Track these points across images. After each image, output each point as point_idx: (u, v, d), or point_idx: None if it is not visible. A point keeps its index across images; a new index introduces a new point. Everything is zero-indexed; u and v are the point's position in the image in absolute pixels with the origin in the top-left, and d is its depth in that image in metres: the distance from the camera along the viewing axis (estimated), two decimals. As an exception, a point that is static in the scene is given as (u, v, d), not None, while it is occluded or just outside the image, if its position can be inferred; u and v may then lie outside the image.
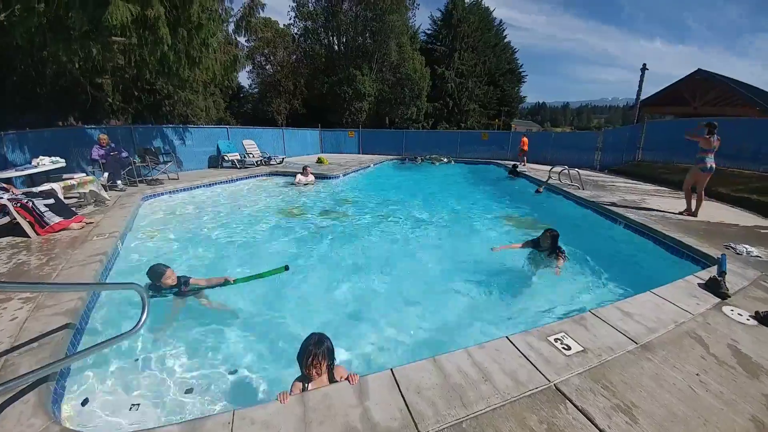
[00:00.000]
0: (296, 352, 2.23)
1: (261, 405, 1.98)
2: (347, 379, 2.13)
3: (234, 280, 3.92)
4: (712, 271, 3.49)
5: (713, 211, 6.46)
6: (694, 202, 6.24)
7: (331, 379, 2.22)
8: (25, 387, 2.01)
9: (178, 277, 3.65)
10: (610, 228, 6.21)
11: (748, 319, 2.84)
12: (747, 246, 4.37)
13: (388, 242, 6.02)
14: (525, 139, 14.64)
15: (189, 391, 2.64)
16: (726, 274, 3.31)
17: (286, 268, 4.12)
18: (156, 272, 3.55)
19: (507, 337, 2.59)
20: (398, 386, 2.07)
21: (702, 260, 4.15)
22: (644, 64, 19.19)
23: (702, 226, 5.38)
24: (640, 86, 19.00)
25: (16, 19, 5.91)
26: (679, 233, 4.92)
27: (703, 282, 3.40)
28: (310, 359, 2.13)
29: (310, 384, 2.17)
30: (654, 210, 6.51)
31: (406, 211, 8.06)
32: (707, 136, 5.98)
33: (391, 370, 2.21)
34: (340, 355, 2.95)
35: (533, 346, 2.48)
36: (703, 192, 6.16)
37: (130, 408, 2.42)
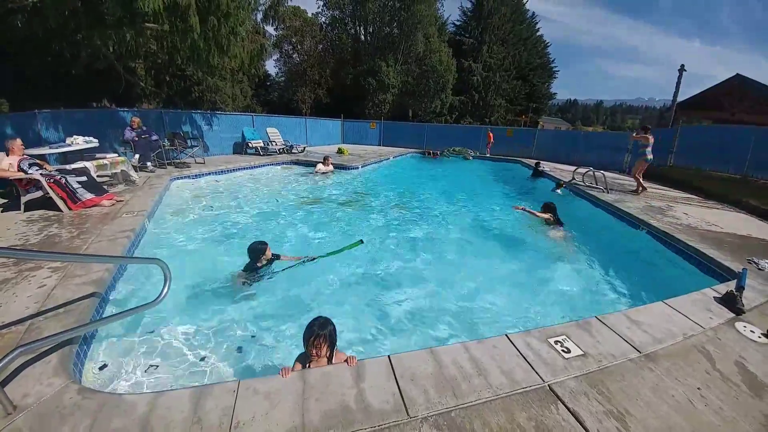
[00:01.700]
0: (302, 333, 2.37)
1: (264, 377, 2.12)
2: (346, 360, 2.24)
3: (317, 257, 4.33)
4: (731, 285, 3.36)
5: (741, 224, 6.15)
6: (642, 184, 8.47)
7: (331, 362, 2.33)
8: (49, 349, 2.19)
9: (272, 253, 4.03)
10: (631, 234, 6.02)
11: (759, 337, 2.75)
12: (771, 262, 4.15)
13: (399, 234, 6.07)
14: (490, 134, 17.02)
15: (203, 359, 2.84)
16: (744, 289, 3.19)
17: (361, 241, 4.69)
18: (258, 249, 3.93)
19: (507, 335, 2.62)
20: (394, 372, 2.16)
21: (723, 273, 3.98)
22: (682, 65, 18.14)
23: (727, 239, 5.14)
24: (677, 88, 18.02)
25: (48, 1, 6.17)
26: (702, 244, 4.72)
27: (720, 296, 3.29)
28: (312, 338, 2.26)
29: (310, 364, 2.29)
30: (679, 218, 6.24)
31: (420, 204, 8.08)
32: (646, 135, 8.21)
33: (389, 356, 2.29)
34: (347, 337, 3.08)
35: (532, 347, 2.49)
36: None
37: (147, 369, 2.61)
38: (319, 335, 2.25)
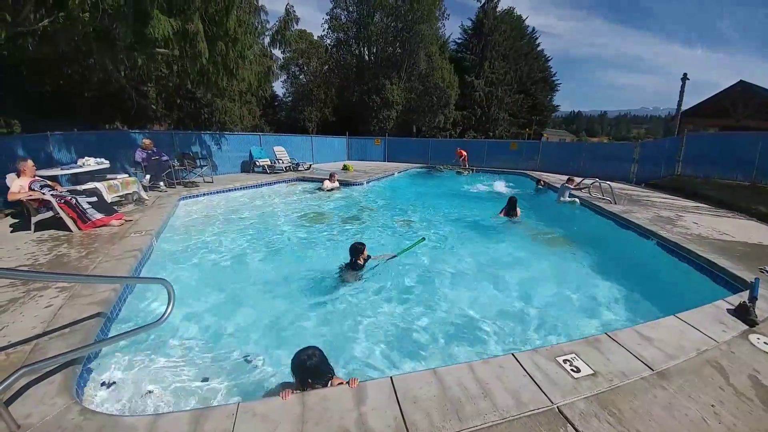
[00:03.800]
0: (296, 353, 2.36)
1: (264, 400, 2.10)
2: (348, 383, 2.20)
3: (396, 255, 4.96)
4: (744, 296, 3.25)
5: (751, 232, 6.00)
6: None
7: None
8: (53, 369, 2.20)
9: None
10: (640, 245, 5.91)
11: (774, 349, 2.64)
12: (785, 271, 4.03)
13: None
14: (463, 152, 16.67)
15: (205, 380, 2.82)
16: (757, 299, 3.08)
17: (423, 239, 5.48)
18: (357, 249, 4.47)
19: (513, 354, 2.55)
20: (396, 394, 2.11)
21: (735, 284, 3.87)
22: (685, 74, 18.23)
23: (739, 248, 5.01)
24: (681, 96, 18.01)
25: (59, 27, 6.32)
26: (713, 254, 4.61)
27: (733, 307, 3.19)
28: (297, 368, 2.28)
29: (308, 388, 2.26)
30: (689, 228, 6.12)
31: (425, 217, 8.07)
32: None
33: (391, 378, 2.25)
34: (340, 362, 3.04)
35: (540, 366, 2.42)
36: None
37: (143, 395, 2.60)
38: (308, 367, 2.25)
